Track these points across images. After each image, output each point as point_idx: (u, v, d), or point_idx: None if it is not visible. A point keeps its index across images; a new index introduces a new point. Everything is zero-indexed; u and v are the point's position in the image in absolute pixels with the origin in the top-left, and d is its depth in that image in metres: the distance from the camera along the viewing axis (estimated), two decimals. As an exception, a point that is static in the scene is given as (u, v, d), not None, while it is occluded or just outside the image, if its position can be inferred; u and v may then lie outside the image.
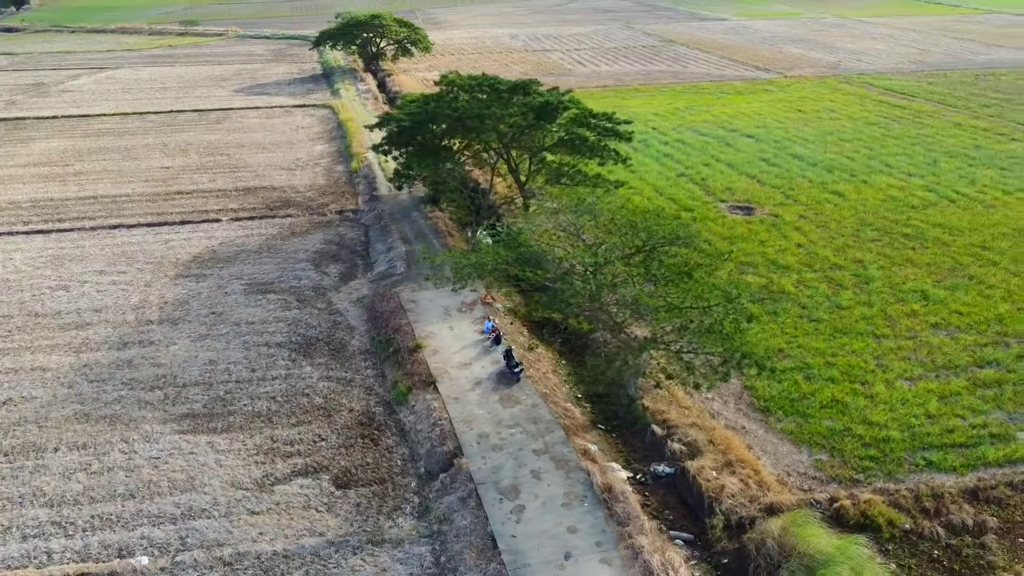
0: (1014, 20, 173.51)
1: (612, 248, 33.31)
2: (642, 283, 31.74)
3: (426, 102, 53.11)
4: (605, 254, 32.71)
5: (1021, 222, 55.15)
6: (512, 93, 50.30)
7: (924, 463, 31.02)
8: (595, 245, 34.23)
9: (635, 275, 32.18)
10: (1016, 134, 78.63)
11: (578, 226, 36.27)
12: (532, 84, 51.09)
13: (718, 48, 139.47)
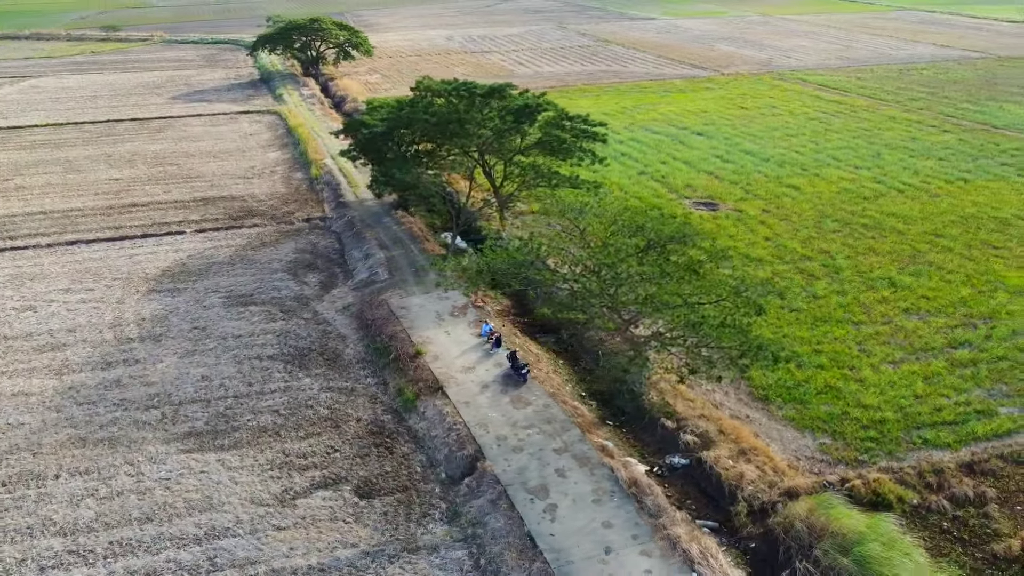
0: (924, 17, 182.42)
1: (623, 247, 34.13)
2: (660, 279, 32.67)
3: (400, 107, 52.97)
4: (617, 253, 33.49)
5: (967, 209, 58.42)
6: (489, 97, 50.66)
7: (920, 441, 32.82)
8: (606, 244, 34.97)
9: (653, 272, 33.08)
10: (946, 126, 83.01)
11: (582, 227, 36.94)
12: (507, 88, 51.56)
13: (653, 47, 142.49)
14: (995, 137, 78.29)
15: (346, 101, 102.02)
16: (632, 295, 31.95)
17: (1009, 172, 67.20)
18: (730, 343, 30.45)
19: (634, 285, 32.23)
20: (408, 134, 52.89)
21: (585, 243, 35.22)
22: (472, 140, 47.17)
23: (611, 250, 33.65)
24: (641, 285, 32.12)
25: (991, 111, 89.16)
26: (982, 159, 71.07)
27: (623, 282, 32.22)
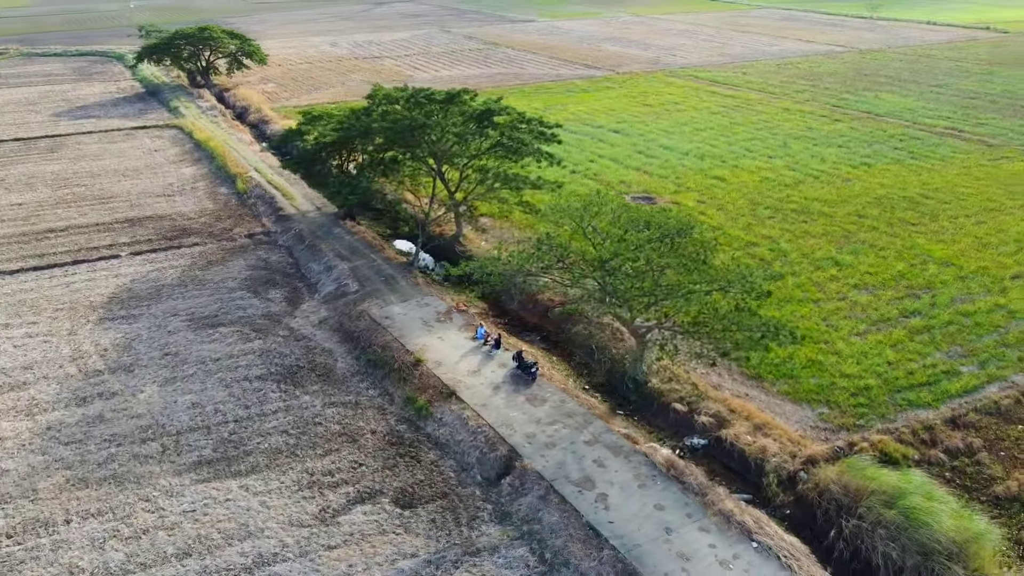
0: (784, 15, 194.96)
1: (641, 241, 35.48)
2: (679, 269, 34.23)
3: (358, 116, 52.25)
4: (636, 247, 34.80)
5: (877, 191, 63.69)
6: (448, 103, 50.88)
7: (905, 403, 36.01)
8: (622, 239, 36.20)
9: (673, 262, 34.58)
10: (836, 116, 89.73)
11: (585, 225, 38.05)
12: (463, 93, 51.96)
13: (542, 49, 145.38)
14: (880, 124, 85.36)
15: (249, 112, 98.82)
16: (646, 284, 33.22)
17: (903, 156, 73.60)
18: (751, 324, 32.44)
19: (657, 275, 33.65)
20: (366, 143, 52.27)
21: (599, 240, 36.18)
22: (435, 146, 47.19)
23: (625, 244, 34.97)
24: (664, 275, 33.59)
25: (870, 100, 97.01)
26: (876, 144, 77.43)
27: (645, 273, 33.56)
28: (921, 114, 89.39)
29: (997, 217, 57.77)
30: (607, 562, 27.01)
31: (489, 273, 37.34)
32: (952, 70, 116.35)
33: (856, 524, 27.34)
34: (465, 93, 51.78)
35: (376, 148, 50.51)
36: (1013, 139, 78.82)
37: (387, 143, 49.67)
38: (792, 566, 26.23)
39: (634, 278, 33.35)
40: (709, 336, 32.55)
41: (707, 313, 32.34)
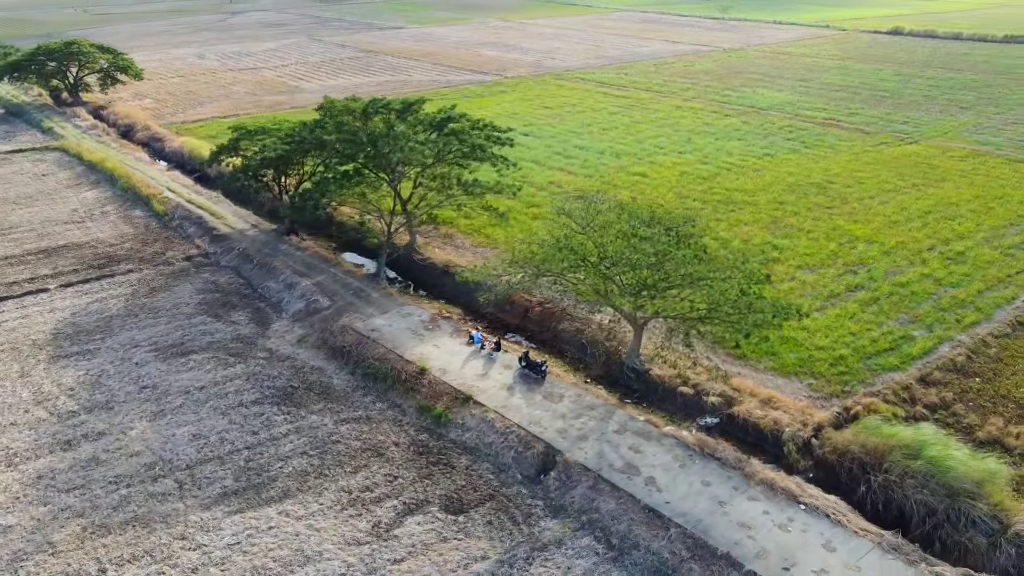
0: (642, 16, 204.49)
1: (654, 235, 37.15)
2: (690, 260, 36.15)
3: (311, 129, 51.05)
4: (654, 241, 36.46)
5: (787, 179, 68.87)
6: (406, 112, 50.75)
7: (877, 368, 39.73)
8: (634, 234, 37.71)
9: (687, 254, 36.45)
10: (725, 111, 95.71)
11: (585, 222, 39.40)
12: (418, 102, 51.89)
13: (422, 55, 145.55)
14: (767, 118, 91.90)
15: (135, 130, 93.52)
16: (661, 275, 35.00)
17: (797, 146, 79.77)
18: (763, 306, 34.89)
19: (677, 265, 35.45)
20: (322, 156, 51.22)
21: (610, 238, 37.44)
22: (398, 156, 47.04)
23: (636, 240, 36.61)
24: (683, 265, 35.47)
25: (750, 96, 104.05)
26: (770, 137, 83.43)
27: (658, 265, 35.31)
28: (799, 107, 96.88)
29: (896, 197, 63.98)
30: (676, 539, 28.53)
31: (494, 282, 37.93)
32: (811, 66, 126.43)
33: (884, 478, 30.22)
34: (419, 102, 51.88)
35: (338, 160, 49.51)
36: (884, 126, 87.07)
37: (346, 156, 48.92)
38: (842, 521, 28.73)
39: (651, 269, 35.04)
40: (727, 320, 34.68)
41: (722, 299, 34.48)
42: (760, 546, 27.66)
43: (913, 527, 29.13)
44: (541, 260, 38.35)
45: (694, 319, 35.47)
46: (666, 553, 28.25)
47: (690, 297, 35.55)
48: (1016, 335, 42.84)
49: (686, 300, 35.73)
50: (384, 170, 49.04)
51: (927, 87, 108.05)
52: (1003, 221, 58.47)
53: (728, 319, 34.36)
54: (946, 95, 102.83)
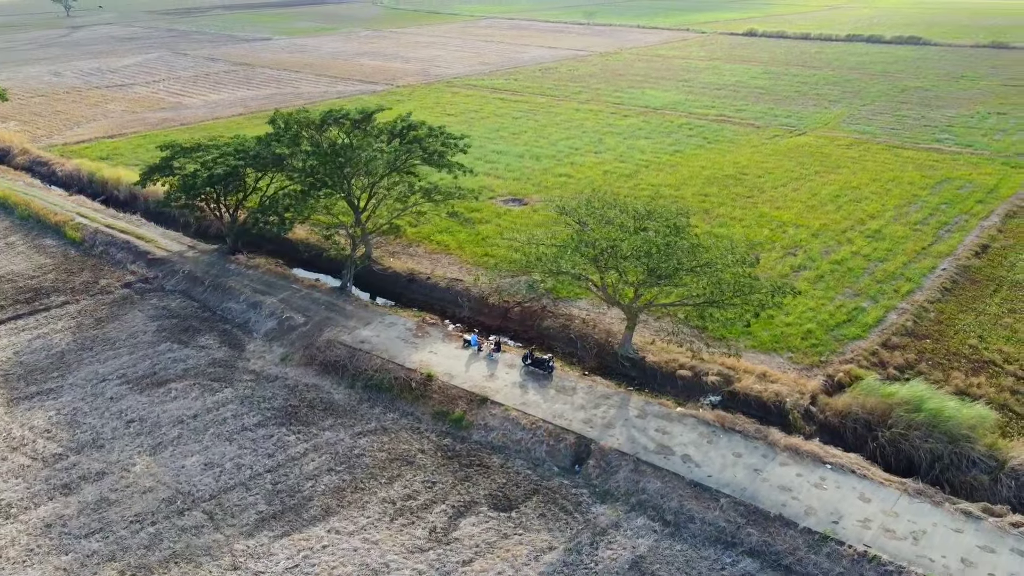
0: (511, 23, 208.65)
1: (661, 229, 38.86)
2: (692, 249, 38.15)
3: (266, 143, 49.40)
4: (666, 235, 38.29)
5: (703, 173, 73.10)
6: (364, 122, 50.17)
7: (843, 338, 43.44)
8: (641, 228, 39.25)
9: (684, 245, 38.40)
10: (623, 111, 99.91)
11: (580, 219, 40.67)
12: (376, 112, 51.42)
13: (302, 67, 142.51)
14: (664, 116, 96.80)
15: (12, 155, 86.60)
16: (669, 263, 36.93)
17: (701, 141, 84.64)
18: (762, 287, 37.46)
19: (684, 254, 37.37)
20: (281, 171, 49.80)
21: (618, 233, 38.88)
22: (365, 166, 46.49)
23: (645, 233, 38.32)
24: (688, 253, 37.42)
25: (640, 96, 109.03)
26: (673, 134, 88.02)
27: (673, 254, 37.15)
28: (689, 106, 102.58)
29: (805, 184, 69.42)
30: (728, 508, 30.41)
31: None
32: (686, 67, 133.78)
33: (893, 432, 33.41)
34: (378, 111, 51.57)
35: (301, 175, 48.22)
36: (771, 121, 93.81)
37: (308, 169, 47.85)
38: (867, 475, 31.56)
39: (662, 259, 36.93)
40: (733, 302, 36.97)
41: (725, 283, 36.78)
42: (805, 504, 30.00)
43: (923, 473, 32.38)
44: (553, 259, 39.44)
45: (703, 304, 37.59)
46: (722, 522, 30.06)
47: (693, 283, 37.61)
48: (947, 299, 47.90)
49: (691, 286, 37.75)
50: (345, 182, 48.35)
51: (796, 84, 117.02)
52: (902, 201, 64.79)
53: (733, 301, 36.74)
54: (814, 90, 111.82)
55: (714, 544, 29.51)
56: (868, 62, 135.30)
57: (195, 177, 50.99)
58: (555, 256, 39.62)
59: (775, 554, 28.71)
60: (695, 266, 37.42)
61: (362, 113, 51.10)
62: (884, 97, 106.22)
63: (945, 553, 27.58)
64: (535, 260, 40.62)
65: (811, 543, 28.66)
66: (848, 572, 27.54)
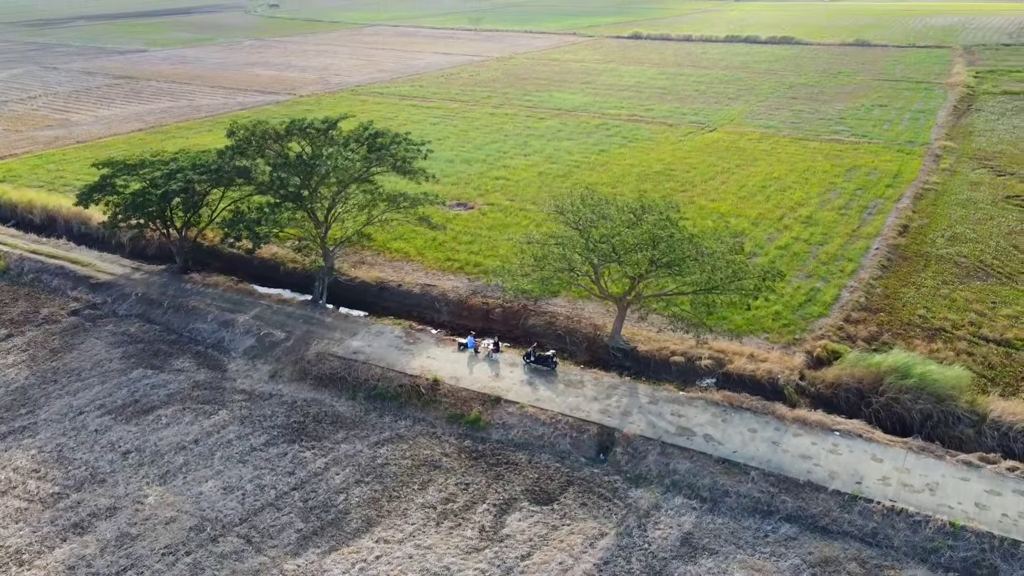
0: (397, 30, 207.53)
1: (661, 223, 40.33)
2: (688, 241, 39.90)
3: (230, 156, 47.59)
4: (669, 228, 39.82)
5: (635, 170, 75.84)
6: (328, 131, 49.25)
7: (809, 316, 46.55)
8: (641, 221, 40.56)
9: (688, 235, 40.02)
10: (539, 115, 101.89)
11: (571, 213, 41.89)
12: (340, 120, 50.51)
13: (191, 78, 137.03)
14: (579, 118, 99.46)
15: None
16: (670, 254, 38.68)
17: (622, 140, 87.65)
18: (754, 272, 39.69)
19: (690, 244, 39.06)
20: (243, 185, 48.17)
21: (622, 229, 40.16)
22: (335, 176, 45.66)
23: (647, 227, 39.79)
24: (687, 244, 39.15)
25: (549, 99, 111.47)
26: (592, 135, 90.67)
27: (678, 245, 38.79)
28: (600, 107, 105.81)
29: (731, 177, 73.34)
30: (759, 480, 32.29)
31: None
32: (584, 69, 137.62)
33: (887, 397, 36.34)
34: (340, 120, 50.83)
35: (272, 187, 46.76)
36: (681, 118, 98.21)
37: (278, 181, 46.55)
38: (872, 438, 34.25)
39: (665, 250, 38.60)
40: (727, 289, 38.99)
41: (722, 270, 38.81)
42: (828, 469, 32.28)
43: (915, 432, 35.41)
44: (559, 257, 40.39)
45: (705, 290, 39.44)
46: (756, 493, 31.90)
47: (699, 271, 39.40)
48: (887, 276, 52.09)
49: (696, 274, 39.45)
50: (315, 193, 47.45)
51: (693, 83, 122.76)
52: (821, 188, 69.62)
53: (729, 287, 38.84)
54: (712, 89, 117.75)
55: (752, 514, 31.28)
56: (752, 61, 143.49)
57: (147, 195, 48.66)
58: (559, 255, 40.67)
59: (811, 517, 30.78)
60: (697, 254, 39.35)
61: (326, 122, 50.23)
62: (776, 94, 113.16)
63: (960, 500, 30.42)
64: (542, 259, 41.47)
65: (842, 503, 30.91)
66: (881, 526, 29.91)
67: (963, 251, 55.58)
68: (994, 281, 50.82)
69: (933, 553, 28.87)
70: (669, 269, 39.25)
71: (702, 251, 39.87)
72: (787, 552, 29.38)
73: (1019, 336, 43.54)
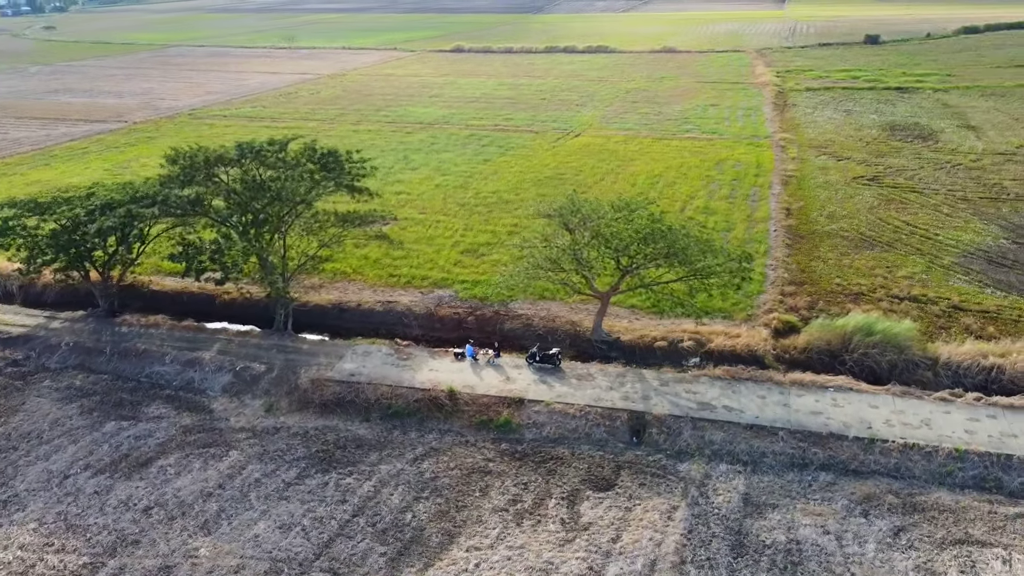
0: (208, 51, 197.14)
1: (644, 218, 42.53)
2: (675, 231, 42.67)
3: (182, 183, 44.17)
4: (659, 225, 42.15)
5: (527, 176, 78.54)
6: (280, 152, 47.21)
7: (751, 294, 51.37)
8: (630, 220, 42.53)
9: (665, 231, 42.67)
10: (405, 129, 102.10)
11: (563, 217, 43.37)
12: (291, 140, 48.66)
13: (3, 109, 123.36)
14: (446, 130, 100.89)
15: None
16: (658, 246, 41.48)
17: (499, 149, 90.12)
18: (730, 257, 43.37)
19: (684, 236, 41.72)
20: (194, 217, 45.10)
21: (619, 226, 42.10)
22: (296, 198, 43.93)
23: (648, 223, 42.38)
24: (676, 236, 41.92)
25: (405, 113, 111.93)
26: (467, 145, 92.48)
27: (681, 236, 41.48)
28: (460, 119, 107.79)
29: (618, 176, 78.11)
30: (787, 438, 35.88)
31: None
32: (423, 83, 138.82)
33: (859, 354, 41.42)
34: (290, 141, 49.16)
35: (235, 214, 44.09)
36: (543, 126, 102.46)
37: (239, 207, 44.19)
38: (861, 389, 39.01)
39: (670, 238, 41.36)
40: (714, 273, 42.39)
41: (713, 257, 42.18)
42: (839, 421, 36.51)
43: (886, 380, 40.72)
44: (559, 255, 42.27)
45: (700, 276, 42.55)
46: (789, 450, 35.44)
47: (696, 259, 42.42)
48: (794, 252, 58.37)
49: (696, 263, 42.45)
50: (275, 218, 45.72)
51: (535, 92, 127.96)
52: (702, 181, 76.05)
53: (721, 270, 42.42)
54: (556, 96, 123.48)
55: (791, 468, 34.75)
56: (580, 70, 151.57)
57: (77, 233, 44.48)
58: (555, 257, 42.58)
59: (841, 463, 34.76)
60: (697, 243, 42.61)
61: (275, 144, 48.39)
62: (617, 99, 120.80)
63: (952, 430, 35.68)
64: (544, 260, 42.97)
65: (863, 447, 35.17)
66: (901, 461, 34.44)
67: (844, 226, 63.41)
68: (879, 249, 58.59)
69: (948, 476, 33.75)
70: (671, 259, 42.16)
71: (699, 241, 43.18)
72: (833, 496, 33.06)
73: (923, 293, 50.79)
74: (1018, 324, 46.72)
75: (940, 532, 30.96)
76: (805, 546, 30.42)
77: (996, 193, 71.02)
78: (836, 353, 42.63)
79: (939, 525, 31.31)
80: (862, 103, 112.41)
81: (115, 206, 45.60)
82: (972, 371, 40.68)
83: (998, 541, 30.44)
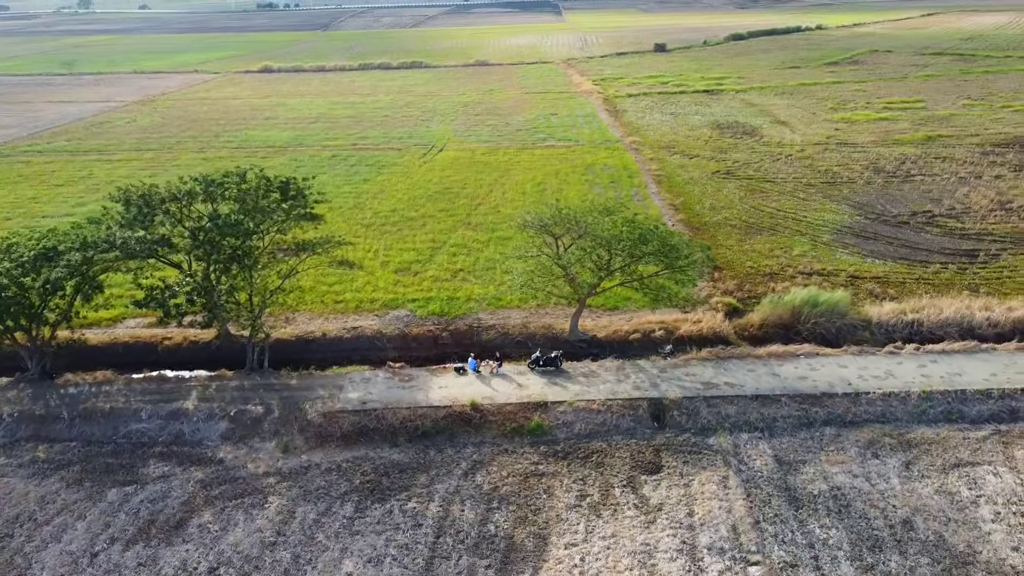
0: (41, 79, 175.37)
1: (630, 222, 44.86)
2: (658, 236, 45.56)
3: (144, 224, 40.24)
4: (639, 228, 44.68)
5: (417, 191, 79.07)
6: (240, 181, 44.53)
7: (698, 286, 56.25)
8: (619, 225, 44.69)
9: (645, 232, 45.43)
10: (260, 154, 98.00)
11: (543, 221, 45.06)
12: (250, 170, 46.03)
13: None
14: (305, 152, 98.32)
15: None
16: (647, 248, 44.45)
17: (373, 168, 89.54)
18: (691, 249, 47.31)
19: (667, 235, 44.61)
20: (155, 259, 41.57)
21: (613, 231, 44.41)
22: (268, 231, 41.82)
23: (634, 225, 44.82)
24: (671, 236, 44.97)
25: (250, 137, 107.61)
26: (336, 167, 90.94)
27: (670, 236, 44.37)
28: (313, 140, 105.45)
29: (505, 186, 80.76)
30: (790, 403, 40.44)
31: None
32: (251, 106, 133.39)
33: (813, 324, 47.18)
34: (251, 171, 46.72)
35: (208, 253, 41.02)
36: (403, 143, 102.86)
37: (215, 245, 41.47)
38: (826, 353, 44.64)
39: (659, 239, 44.29)
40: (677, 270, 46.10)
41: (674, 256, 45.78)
42: (824, 382, 41.72)
43: (837, 343, 46.81)
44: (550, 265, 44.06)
45: (673, 271, 46.03)
46: (794, 412, 40.01)
47: (676, 256, 45.73)
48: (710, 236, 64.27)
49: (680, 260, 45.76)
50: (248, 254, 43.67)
51: (375, 110, 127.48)
52: (584, 185, 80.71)
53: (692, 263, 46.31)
54: (398, 113, 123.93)
55: (800, 428, 39.29)
56: (405, 86, 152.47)
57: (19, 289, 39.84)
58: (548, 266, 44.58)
59: (839, 416, 39.84)
60: (679, 242, 46.10)
61: (233, 175, 45.89)
62: (459, 112, 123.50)
63: (912, 377, 42.07)
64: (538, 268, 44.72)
65: (853, 401, 40.55)
66: (885, 408, 40.16)
67: (727, 216, 70.54)
68: (767, 234, 66.01)
69: (923, 415, 39.88)
70: (664, 256, 45.41)
71: (683, 238, 46.88)
72: (844, 445, 37.96)
73: (823, 268, 58.25)
74: (905, 285, 55.12)
75: (938, 460, 36.71)
76: (845, 490, 34.84)
77: (831, 178, 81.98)
78: (789, 325, 48.23)
79: (935, 455, 37.08)
80: (681, 105, 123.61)
81: (54, 255, 41.22)
82: (899, 327, 47.82)
83: (982, 460, 36.68)
